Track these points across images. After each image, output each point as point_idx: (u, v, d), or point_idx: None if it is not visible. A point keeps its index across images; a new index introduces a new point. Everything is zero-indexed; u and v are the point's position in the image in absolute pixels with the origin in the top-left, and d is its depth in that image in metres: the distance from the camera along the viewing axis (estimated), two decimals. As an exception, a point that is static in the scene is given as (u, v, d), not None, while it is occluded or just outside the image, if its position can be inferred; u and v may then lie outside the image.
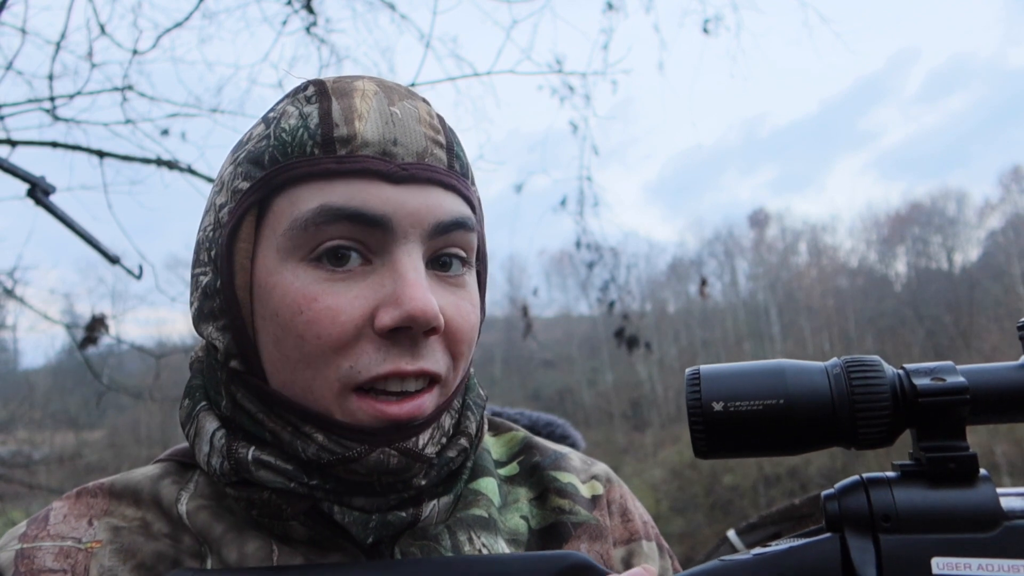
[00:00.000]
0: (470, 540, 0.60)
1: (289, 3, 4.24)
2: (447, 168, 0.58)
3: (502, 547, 0.62)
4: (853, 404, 0.45)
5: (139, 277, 3.46)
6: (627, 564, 0.68)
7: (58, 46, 3.72)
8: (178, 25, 4.05)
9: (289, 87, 0.62)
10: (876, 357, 0.48)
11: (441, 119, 0.60)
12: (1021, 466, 21.08)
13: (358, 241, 0.54)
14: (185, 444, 0.64)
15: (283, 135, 0.56)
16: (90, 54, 3.82)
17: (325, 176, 0.54)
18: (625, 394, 34.73)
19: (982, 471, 0.46)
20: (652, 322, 35.32)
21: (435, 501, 0.59)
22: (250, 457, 0.55)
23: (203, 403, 0.60)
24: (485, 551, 0.60)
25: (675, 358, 36.54)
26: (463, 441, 0.61)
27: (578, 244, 5.52)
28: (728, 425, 0.46)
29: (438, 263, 0.58)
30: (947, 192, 42.21)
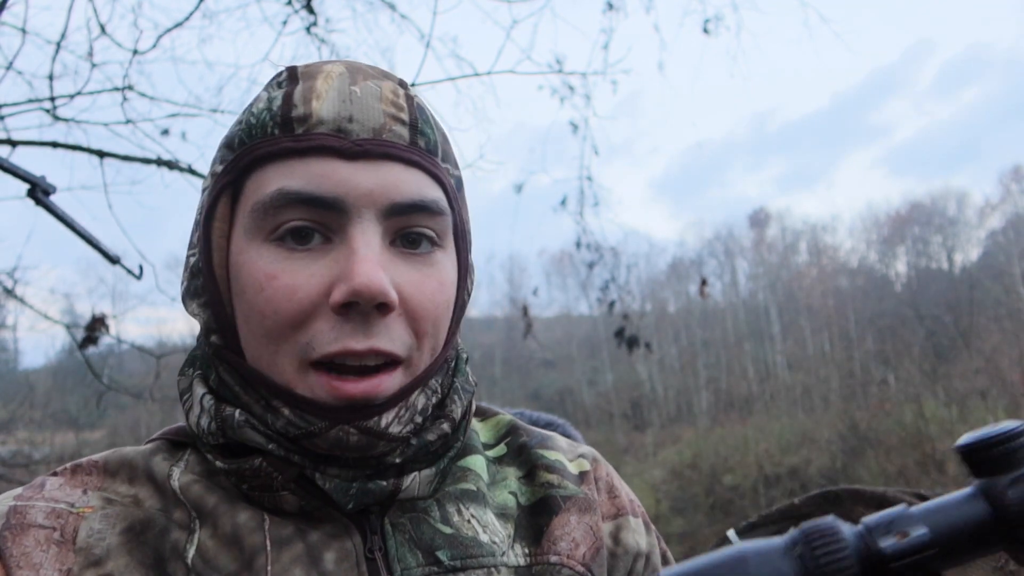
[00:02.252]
0: (459, 511, 0.62)
1: (289, 3, 4.24)
2: (408, 144, 0.58)
3: (491, 519, 0.63)
4: None
5: (139, 277, 3.46)
6: (615, 538, 0.69)
7: (58, 46, 3.72)
8: (178, 25, 4.05)
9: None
10: (831, 522, 0.46)
11: (410, 98, 0.60)
12: (1021, 466, 21.01)
13: (316, 222, 0.55)
14: (177, 425, 0.66)
15: (250, 118, 0.58)
16: (90, 54, 3.83)
17: (284, 156, 0.56)
18: (625, 394, 34.72)
19: None
20: (652, 322, 35.30)
21: (415, 473, 0.60)
22: (236, 415, 0.57)
23: (199, 372, 0.62)
24: (474, 522, 0.61)
25: (675, 358, 36.54)
26: (445, 426, 0.61)
27: (578, 244, 5.53)
28: None
29: (407, 240, 0.58)
30: (947, 192, 42.28)
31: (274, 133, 0.56)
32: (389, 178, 0.56)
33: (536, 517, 0.65)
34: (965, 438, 0.49)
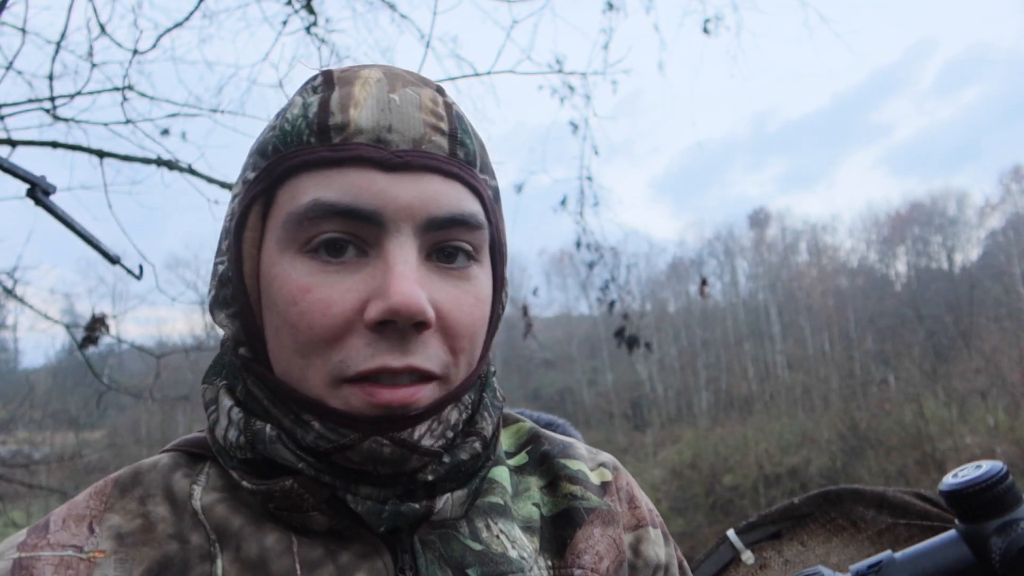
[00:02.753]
0: (487, 527, 0.60)
1: (289, 3, 4.24)
2: (447, 155, 0.56)
3: (518, 534, 0.62)
4: None
5: (139, 277, 3.46)
6: (635, 550, 0.69)
7: (58, 46, 3.72)
8: (178, 25, 4.05)
9: (288, 85, 0.62)
10: (818, 570, 0.46)
11: (449, 106, 0.58)
12: (1021, 466, 21.09)
13: (352, 235, 0.54)
14: (194, 435, 0.64)
15: (285, 125, 0.56)
16: (90, 54, 3.82)
17: (320, 165, 0.54)
18: (625, 394, 34.71)
19: None
20: (652, 322, 35.29)
21: (448, 495, 0.58)
22: (268, 430, 0.55)
23: (225, 383, 0.61)
24: (503, 537, 0.60)
25: (675, 358, 36.52)
26: (476, 444, 0.59)
27: (578, 244, 5.53)
28: None
29: (443, 254, 0.56)
30: (947, 192, 42.27)
31: (310, 141, 0.54)
32: (428, 191, 0.54)
33: (559, 529, 0.64)
34: (948, 482, 0.48)
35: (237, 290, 0.57)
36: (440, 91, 0.60)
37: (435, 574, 0.56)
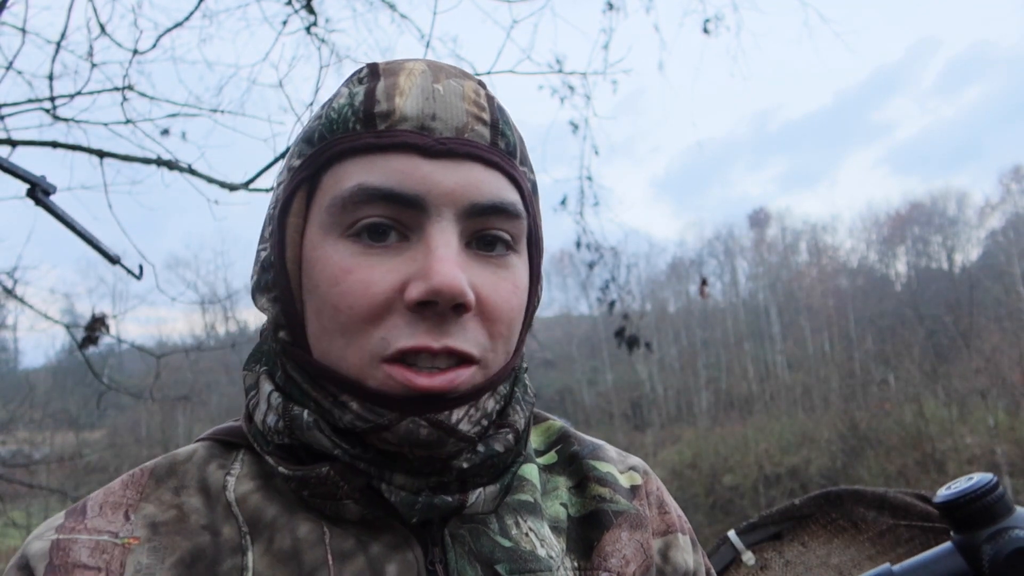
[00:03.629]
0: (517, 524, 0.60)
1: (289, 3, 4.23)
2: (489, 144, 0.57)
3: (547, 532, 0.62)
4: None
5: (139, 277, 3.46)
6: (664, 556, 0.68)
7: (58, 46, 3.72)
8: (178, 25, 4.04)
9: (288, 85, 0.63)
10: None
11: (490, 98, 0.60)
12: (1021, 466, 21.08)
13: (394, 219, 0.55)
14: (228, 424, 0.66)
15: (331, 114, 0.58)
16: (90, 54, 3.82)
17: (365, 151, 0.55)
18: (625, 394, 34.72)
19: None
20: (652, 322, 35.30)
21: (481, 489, 0.58)
22: (305, 416, 0.55)
23: (265, 367, 0.62)
24: (532, 535, 0.60)
25: (675, 358, 36.54)
26: (510, 436, 0.60)
27: (578, 244, 5.53)
28: None
29: (483, 242, 0.57)
30: (947, 192, 42.27)
31: (356, 129, 0.56)
32: (470, 178, 0.55)
33: (586, 530, 0.64)
34: (942, 494, 0.49)
35: (279, 275, 0.58)
36: (482, 84, 0.61)
37: (464, 568, 0.56)
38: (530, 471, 0.65)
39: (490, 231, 0.57)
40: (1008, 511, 0.48)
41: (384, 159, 0.54)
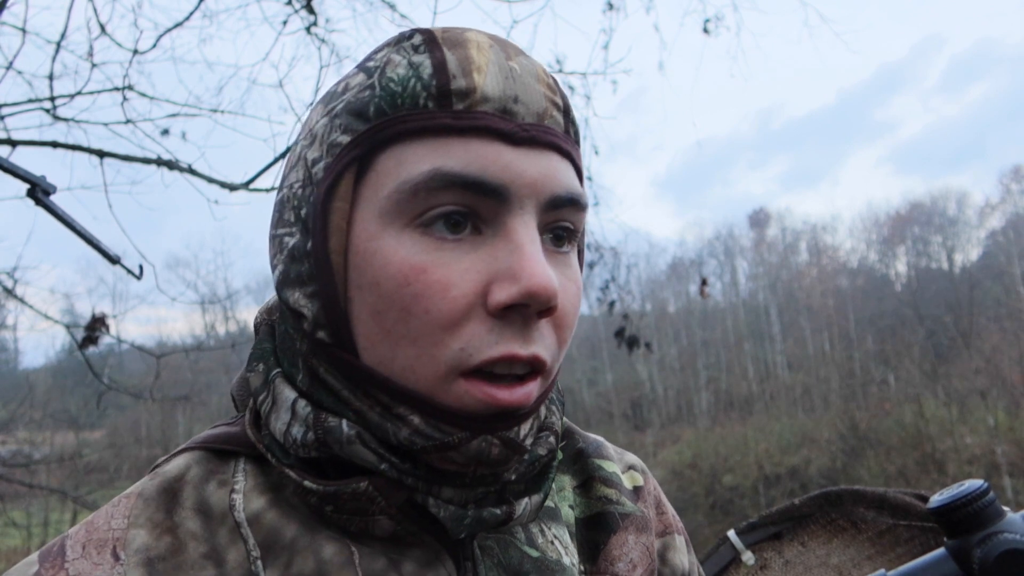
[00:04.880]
0: (542, 532, 0.58)
1: (289, 3, 4.23)
2: (563, 133, 0.53)
3: (568, 539, 0.60)
4: None
5: (139, 277, 3.45)
6: (663, 558, 0.68)
7: (58, 46, 3.72)
8: (178, 25, 4.05)
9: (288, 86, 0.59)
10: None
11: (557, 81, 0.55)
12: (1021, 466, 21.08)
13: (470, 208, 0.49)
14: (219, 429, 0.58)
15: (391, 85, 0.49)
16: (90, 54, 3.82)
17: (439, 132, 0.48)
18: (625, 394, 34.72)
19: None
20: (652, 322, 35.31)
21: (527, 499, 0.54)
22: (345, 428, 0.49)
23: (278, 369, 0.54)
24: (557, 543, 0.58)
25: (675, 358, 36.53)
26: (552, 439, 0.56)
27: (578, 244, 5.52)
28: None
29: (554, 236, 0.52)
30: (947, 192, 42.29)
31: (427, 106, 0.48)
32: (550, 168, 0.50)
33: (592, 532, 0.62)
34: (935, 500, 0.50)
35: (320, 267, 0.50)
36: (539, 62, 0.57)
37: None
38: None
39: (562, 224, 0.52)
40: (999, 516, 0.49)
41: (463, 143, 0.48)
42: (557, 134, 0.52)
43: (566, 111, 0.54)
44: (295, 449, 0.51)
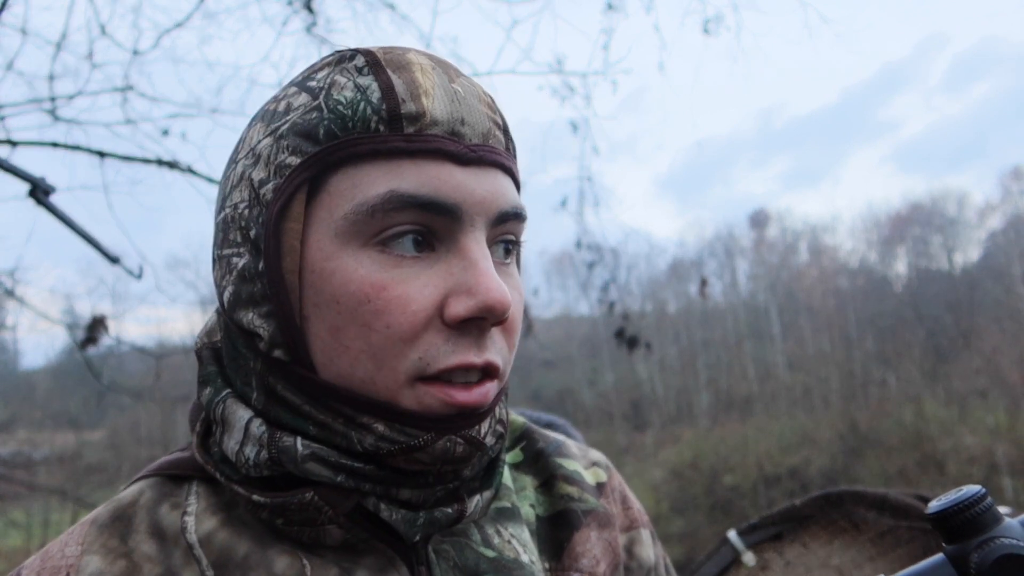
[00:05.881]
0: (498, 532, 0.59)
1: (289, 3, 4.24)
2: (505, 150, 0.56)
3: (527, 537, 0.61)
4: None
5: (139, 277, 3.46)
6: (629, 552, 0.68)
7: (58, 46, 3.72)
8: (178, 25, 4.05)
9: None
10: None
11: (494, 99, 0.58)
12: (1021, 466, 21.08)
13: (425, 227, 0.51)
14: (171, 456, 0.60)
15: (339, 108, 0.51)
16: (90, 54, 3.82)
17: (391, 155, 0.50)
18: (625, 394, 34.72)
19: None
20: (652, 322, 35.31)
21: (478, 496, 0.56)
22: (299, 447, 0.50)
23: (228, 390, 0.55)
24: (515, 542, 0.59)
25: (675, 358, 36.52)
26: (499, 427, 0.58)
27: (578, 244, 5.53)
28: None
29: (504, 249, 0.56)
30: (947, 192, 42.31)
31: (379, 129, 0.50)
32: (497, 185, 0.54)
33: (555, 530, 0.64)
34: (933, 505, 0.51)
35: (275, 287, 0.51)
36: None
37: None
38: (503, 474, 0.64)
39: (507, 236, 0.56)
40: (996, 521, 0.50)
41: (415, 165, 0.50)
42: (500, 152, 0.55)
43: (505, 129, 0.57)
44: (247, 469, 0.52)
